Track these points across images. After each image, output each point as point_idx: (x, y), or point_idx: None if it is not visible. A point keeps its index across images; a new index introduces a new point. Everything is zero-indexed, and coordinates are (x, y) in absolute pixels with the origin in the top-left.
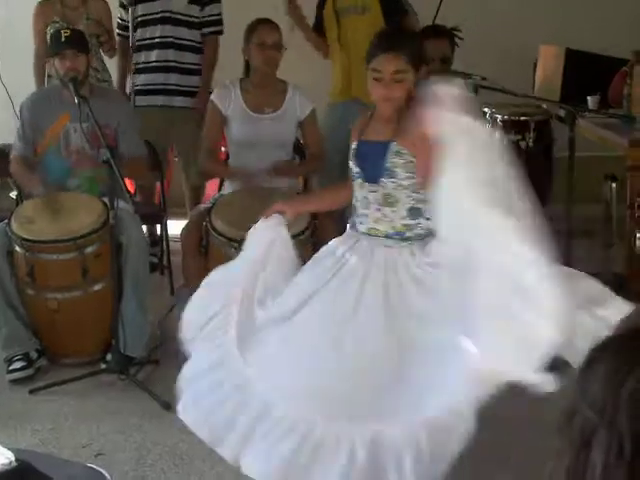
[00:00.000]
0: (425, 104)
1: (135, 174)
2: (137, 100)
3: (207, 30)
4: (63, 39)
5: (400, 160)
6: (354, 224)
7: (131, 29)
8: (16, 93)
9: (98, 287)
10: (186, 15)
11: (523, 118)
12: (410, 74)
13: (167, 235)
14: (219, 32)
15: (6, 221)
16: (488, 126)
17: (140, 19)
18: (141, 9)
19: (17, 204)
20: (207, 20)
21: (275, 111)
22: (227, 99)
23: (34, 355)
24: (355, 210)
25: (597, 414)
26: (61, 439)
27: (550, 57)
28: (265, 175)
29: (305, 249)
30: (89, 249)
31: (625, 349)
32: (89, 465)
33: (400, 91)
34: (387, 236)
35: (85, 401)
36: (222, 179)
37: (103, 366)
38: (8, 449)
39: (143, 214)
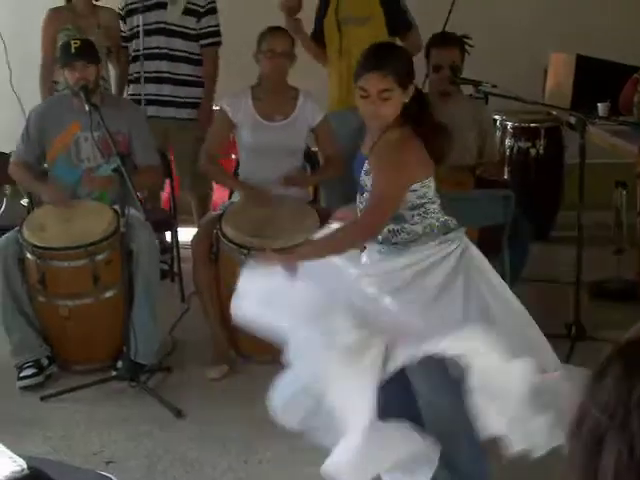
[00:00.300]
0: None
1: (149, 183)
2: None
3: (204, 42)
4: (73, 50)
5: (367, 177)
6: None
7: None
8: (28, 101)
9: (109, 294)
10: (181, 26)
11: (533, 125)
12: (397, 92)
13: (177, 242)
14: (217, 43)
15: (17, 228)
16: None
17: (136, 30)
18: (136, 20)
19: (28, 211)
20: (204, 32)
21: (286, 118)
22: (238, 106)
23: (45, 362)
24: None
25: (608, 417)
26: (72, 446)
27: (561, 64)
28: (268, 191)
29: None
30: (100, 256)
31: (636, 354)
32: (101, 473)
33: (388, 109)
34: (380, 242)
35: (96, 408)
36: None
37: (114, 373)
38: (20, 456)
39: (153, 221)
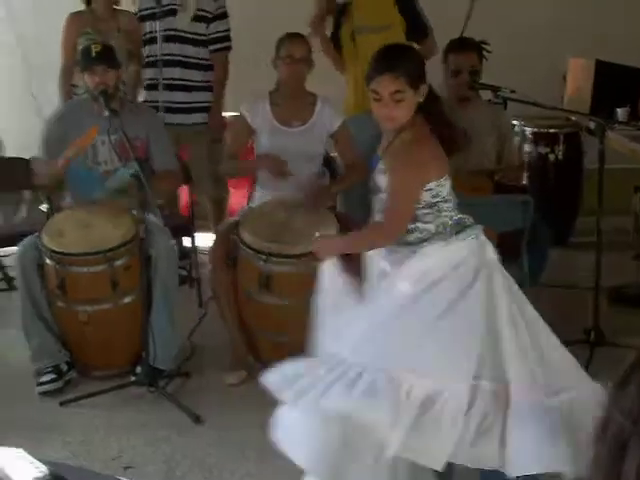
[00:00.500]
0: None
1: (168, 187)
2: None
3: (213, 47)
4: (93, 54)
5: (381, 177)
6: None
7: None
8: (47, 107)
9: (128, 300)
10: (191, 33)
11: (552, 131)
12: (409, 93)
13: (196, 248)
14: (226, 48)
15: (37, 234)
16: None
17: (149, 36)
18: (148, 27)
19: (48, 217)
20: (213, 37)
21: (304, 124)
22: (256, 112)
23: (64, 367)
24: None
25: (632, 423)
26: (91, 451)
27: (580, 69)
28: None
29: None
30: (119, 262)
31: None
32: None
33: (401, 110)
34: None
35: (115, 413)
36: (250, 192)
37: (133, 378)
38: (41, 462)
39: (172, 227)
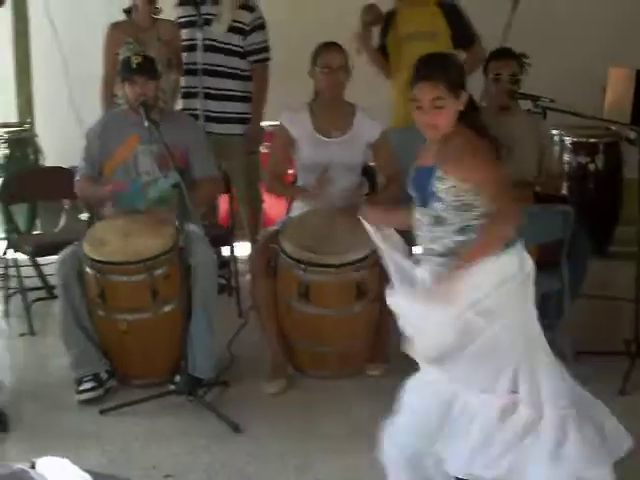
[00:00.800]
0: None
1: (209, 195)
2: None
3: (251, 59)
4: (134, 66)
5: (443, 186)
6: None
7: None
8: (87, 117)
9: (167, 308)
10: (225, 43)
11: (592, 140)
12: (450, 100)
13: (235, 257)
14: (264, 59)
15: (78, 242)
16: None
17: (186, 43)
18: (186, 34)
19: (88, 226)
20: (249, 49)
21: (343, 134)
22: (296, 122)
23: (104, 376)
24: (415, 232)
25: None
26: (131, 459)
27: (620, 79)
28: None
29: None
30: (159, 271)
31: None
32: None
33: (442, 118)
34: (440, 254)
35: (154, 422)
36: (290, 201)
37: (172, 387)
38: (87, 471)
39: (211, 236)
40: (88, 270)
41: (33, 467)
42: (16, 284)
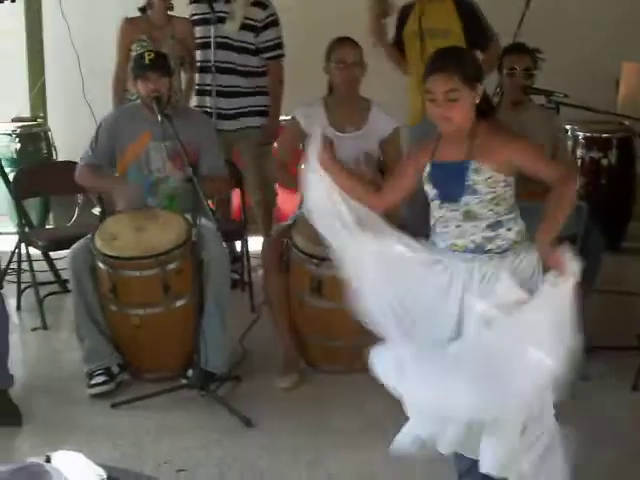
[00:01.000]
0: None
1: (216, 193)
2: None
3: (265, 55)
4: (147, 62)
5: (480, 177)
6: (434, 243)
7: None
8: (99, 111)
9: (180, 303)
10: (239, 41)
11: (605, 135)
12: (464, 92)
13: (248, 252)
14: (278, 56)
15: (90, 236)
16: None
17: (200, 41)
18: (200, 32)
19: (100, 220)
20: (263, 46)
21: (358, 129)
22: (311, 117)
23: (116, 370)
24: (434, 229)
25: None
26: (142, 454)
27: (633, 74)
28: None
29: None
30: (171, 266)
31: None
32: None
33: (457, 110)
34: (466, 250)
35: (166, 416)
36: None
37: (184, 382)
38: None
39: (224, 231)
40: (100, 265)
41: (48, 461)
42: (29, 278)
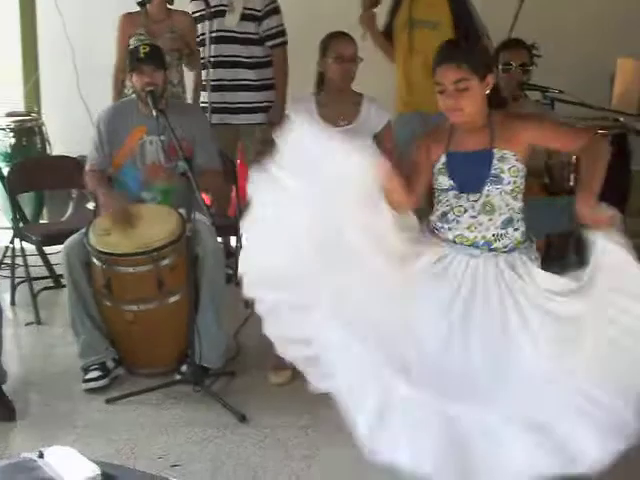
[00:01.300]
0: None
1: (210, 187)
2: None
3: (269, 44)
4: (141, 55)
5: (505, 165)
6: (438, 229)
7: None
8: (94, 106)
9: (174, 299)
10: (241, 32)
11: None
12: (474, 82)
13: (242, 246)
14: (282, 43)
15: (83, 231)
16: None
17: (200, 38)
18: (200, 28)
19: (94, 215)
20: (266, 34)
21: (349, 123)
22: (302, 112)
23: (111, 365)
24: (444, 216)
25: None
26: (137, 449)
27: (628, 70)
28: None
29: None
30: (165, 261)
31: None
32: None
33: (467, 100)
34: (474, 245)
35: (161, 411)
36: None
37: (178, 377)
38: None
39: (218, 226)
40: (94, 261)
41: (41, 456)
42: (23, 273)
